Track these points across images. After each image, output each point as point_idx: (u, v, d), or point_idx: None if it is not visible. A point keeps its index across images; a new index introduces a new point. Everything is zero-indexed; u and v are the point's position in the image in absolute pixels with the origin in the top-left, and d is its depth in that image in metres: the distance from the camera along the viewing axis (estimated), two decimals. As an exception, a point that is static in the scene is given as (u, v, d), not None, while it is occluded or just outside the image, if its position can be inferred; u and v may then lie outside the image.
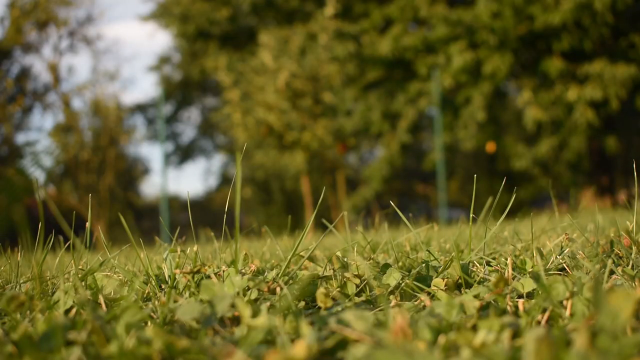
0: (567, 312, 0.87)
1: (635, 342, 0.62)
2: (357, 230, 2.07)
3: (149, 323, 0.95)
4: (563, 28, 13.61)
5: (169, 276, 1.29)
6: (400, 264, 1.46)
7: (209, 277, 1.22)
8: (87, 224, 1.32)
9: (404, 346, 0.59)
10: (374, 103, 16.27)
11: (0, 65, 20.56)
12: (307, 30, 15.13)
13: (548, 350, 0.57)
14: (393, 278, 1.16)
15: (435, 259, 1.33)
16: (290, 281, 1.21)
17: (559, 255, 1.31)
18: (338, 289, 1.16)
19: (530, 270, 1.19)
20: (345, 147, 14.17)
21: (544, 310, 0.89)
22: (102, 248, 1.57)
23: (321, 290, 1.06)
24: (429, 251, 1.37)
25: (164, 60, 25.03)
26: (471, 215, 1.38)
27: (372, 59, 16.18)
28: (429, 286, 1.13)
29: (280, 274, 1.23)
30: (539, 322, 0.87)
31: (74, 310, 1.05)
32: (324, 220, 1.41)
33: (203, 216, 22.77)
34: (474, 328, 0.83)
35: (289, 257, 1.27)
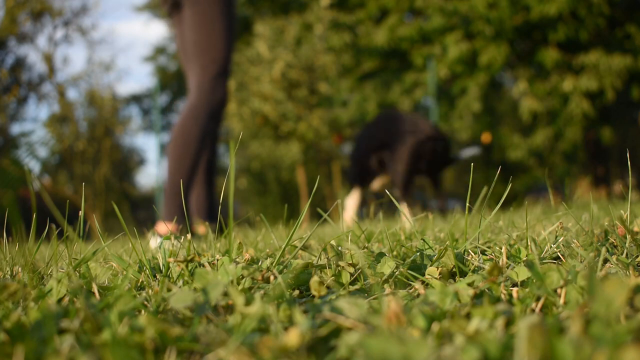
0: (561, 300, 0.87)
1: (628, 329, 0.62)
2: (352, 220, 2.07)
3: (142, 311, 0.95)
4: (559, 18, 13.61)
5: (163, 265, 1.28)
6: (394, 253, 1.46)
7: (203, 265, 1.21)
8: (80, 213, 1.31)
9: (397, 333, 0.59)
10: (369, 93, 16.26)
11: (-5, 55, 20.50)
12: (303, 20, 15.10)
13: (541, 337, 0.57)
14: (387, 267, 1.16)
15: (430, 247, 1.33)
16: (285, 270, 1.21)
17: (554, 244, 1.31)
18: (332, 277, 1.16)
19: (525, 258, 1.19)
20: (341, 137, 14.16)
21: (538, 298, 0.89)
22: (98, 238, 1.56)
23: (315, 279, 1.05)
24: (423, 240, 1.37)
25: (159, 50, 24.99)
26: (467, 205, 1.38)
27: (367, 50, 16.16)
28: (423, 275, 1.13)
29: (274, 262, 1.23)
30: (532, 310, 0.87)
31: (66, 299, 1.04)
32: (319, 210, 1.40)
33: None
34: (468, 316, 0.83)
35: (283, 246, 1.27)
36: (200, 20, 3.58)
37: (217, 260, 1.24)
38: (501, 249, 1.30)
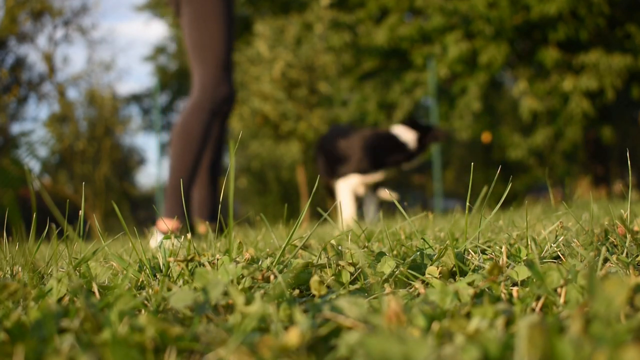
0: (561, 300, 0.87)
1: (628, 328, 0.62)
2: (352, 219, 2.07)
3: (143, 311, 0.95)
4: (559, 18, 13.61)
5: (163, 264, 1.28)
6: (394, 252, 1.46)
7: (203, 265, 1.21)
8: (80, 212, 1.31)
9: (397, 333, 0.59)
10: (369, 93, 16.26)
11: (-5, 55, 20.50)
12: (303, 20, 15.09)
13: (541, 337, 0.57)
14: (387, 266, 1.15)
15: (430, 247, 1.33)
16: (285, 269, 1.21)
17: (554, 244, 1.31)
18: (332, 277, 1.16)
19: (525, 258, 1.19)
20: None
21: (538, 298, 0.89)
22: (98, 237, 1.56)
23: (315, 278, 1.05)
24: (424, 239, 1.36)
25: (159, 50, 24.98)
26: (467, 204, 1.38)
27: (368, 49, 16.16)
28: (424, 274, 1.13)
29: (274, 262, 1.23)
30: (533, 310, 0.87)
31: (66, 299, 1.04)
32: (319, 210, 1.40)
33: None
34: (468, 315, 0.83)
35: (283, 246, 1.27)
36: (196, 17, 3.59)
37: (217, 259, 1.24)
38: (501, 248, 1.30)
